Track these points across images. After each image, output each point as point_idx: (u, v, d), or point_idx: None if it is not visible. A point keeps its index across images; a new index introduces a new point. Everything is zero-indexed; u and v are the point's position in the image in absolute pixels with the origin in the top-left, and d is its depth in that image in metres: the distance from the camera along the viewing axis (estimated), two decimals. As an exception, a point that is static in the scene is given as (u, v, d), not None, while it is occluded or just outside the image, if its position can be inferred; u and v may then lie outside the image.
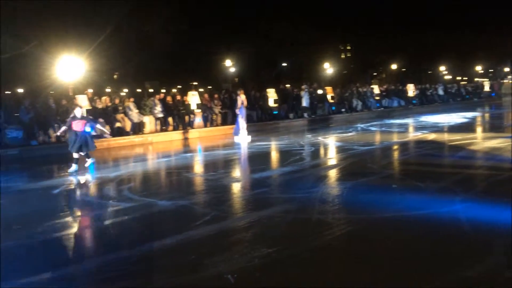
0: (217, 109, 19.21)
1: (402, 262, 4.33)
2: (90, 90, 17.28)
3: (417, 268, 4.17)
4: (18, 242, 5.57)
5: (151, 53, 30.77)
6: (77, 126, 9.63)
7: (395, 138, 14.72)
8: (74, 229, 5.91)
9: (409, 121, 20.48)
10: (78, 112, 9.79)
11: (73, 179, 9.38)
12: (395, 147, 12.58)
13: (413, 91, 28.24)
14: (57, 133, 11.39)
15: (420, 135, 14.79)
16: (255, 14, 35.16)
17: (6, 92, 33.53)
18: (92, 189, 8.58)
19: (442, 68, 47.68)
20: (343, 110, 24.30)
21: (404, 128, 17.70)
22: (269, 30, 35.73)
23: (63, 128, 10.17)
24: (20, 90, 34.79)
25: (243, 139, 14.81)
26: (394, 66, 46.88)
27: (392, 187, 7.44)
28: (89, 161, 10.06)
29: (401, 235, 5.04)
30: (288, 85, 27.49)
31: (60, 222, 6.10)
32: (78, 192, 8.42)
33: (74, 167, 9.76)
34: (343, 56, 50.46)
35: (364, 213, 5.86)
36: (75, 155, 9.77)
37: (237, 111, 15.48)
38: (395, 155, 11.53)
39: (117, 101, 16.73)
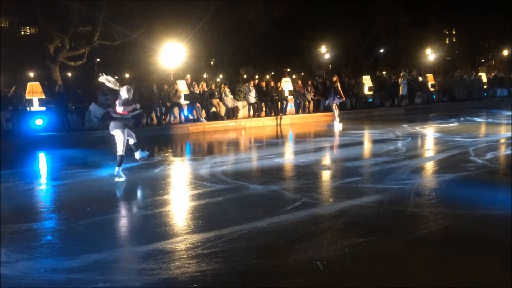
0: (309, 96, 19.10)
1: (505, 264, 3.99)
2: (189, 76, 18.10)
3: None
4: (119, 216, 6.08)
5: (247, 39, 31.38)
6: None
7: (503, 130, 13.50)
8: (171, 206, 6.28)
9: (521, 112, 18.62)
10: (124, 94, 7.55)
11: (172, 159, 9.98)
12: (503, 140, 11.54)
13: (528, 80, 25.72)
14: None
15: (533, 128, 13.41)
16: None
17: (115, 77, 36.66)
18: (188, 170, 9.03)
19: None
20: (444, 99, 22.88)
21: (514, 120, 16.16)
22: (368, 14, 34.45)
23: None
24: (127, 75, 37.68)
25: (336, 126, 14.59)
26: (505, 52, 42.75)
27: (498, 183, 6.85)
28: (137, 154, 8.21)
29: (507, 236, 4.64)
30: (384, 72, 26.48)
31: (159, 199, 6.52)
32: (176, 172, 8.92)
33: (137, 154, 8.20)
34: (447, 41, 47.14)
35: (464, 209, 5.49)
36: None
37: (330, 98, 15.22)
38: (502, 149, 10.59)
39: (213, 86, 17.36)
